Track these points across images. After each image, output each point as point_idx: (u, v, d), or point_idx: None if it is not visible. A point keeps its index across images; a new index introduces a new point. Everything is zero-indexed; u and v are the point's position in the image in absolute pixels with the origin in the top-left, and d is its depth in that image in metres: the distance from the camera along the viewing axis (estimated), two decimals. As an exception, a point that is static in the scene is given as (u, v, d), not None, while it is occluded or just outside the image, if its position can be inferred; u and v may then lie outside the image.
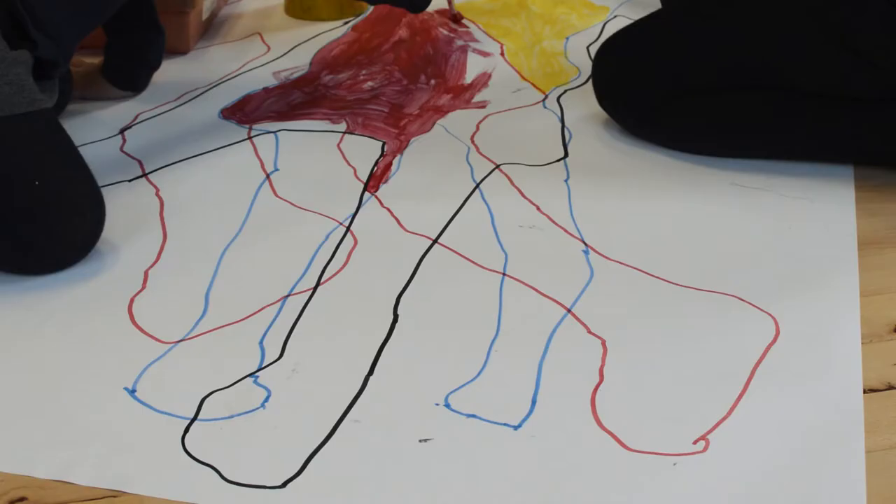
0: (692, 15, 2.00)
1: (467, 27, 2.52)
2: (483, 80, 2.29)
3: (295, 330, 1.56)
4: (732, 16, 1.95)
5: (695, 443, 1.36)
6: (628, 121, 2.06)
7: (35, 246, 1.64)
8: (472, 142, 2.05)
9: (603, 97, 2.08)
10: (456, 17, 2.52)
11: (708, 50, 1.96)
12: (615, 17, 2.61)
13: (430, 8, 2.58)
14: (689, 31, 2.00)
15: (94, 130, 2.07)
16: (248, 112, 2.15)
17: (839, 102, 1.91)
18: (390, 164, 1.97)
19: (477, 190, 1.90)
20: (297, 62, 2.37)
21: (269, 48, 2.45)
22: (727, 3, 1.97)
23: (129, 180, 1.92)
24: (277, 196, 1.87)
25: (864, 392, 1.44)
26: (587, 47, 2.44)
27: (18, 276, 1.66)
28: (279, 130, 2.08)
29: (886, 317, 1.60)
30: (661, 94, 2.00)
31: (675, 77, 1.99)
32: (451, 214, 1.83)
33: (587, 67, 2.34)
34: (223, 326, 1.57)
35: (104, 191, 1.74)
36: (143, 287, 1.65)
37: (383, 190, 1.90)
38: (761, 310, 1.60)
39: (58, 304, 1.61)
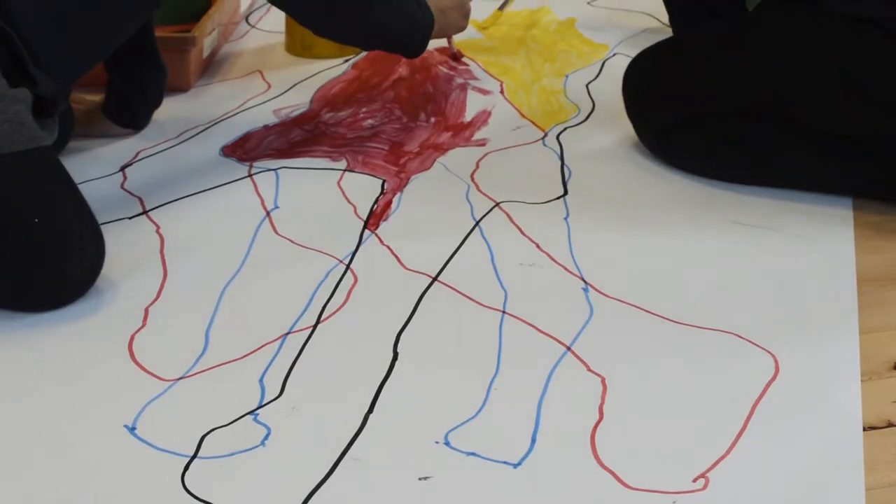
0: (713, 42, 2.02)
1: (467, 65, 2.52)
2: (483, 118, 2.30)
3: (295, 368, 1.56)
4: (750, 47, 1.97)
5: (695, 480, 1.36)
6: (644, 135, 2.10)
7: (35, 283, 1.65)
8: (472, 179, 2.06)
9: (629, 107, 2.12)
10: (455, 56, 2.52)
11: (720, 77, 1.98)
12: (615, 54, 2.61)
13: (430, 45, 2.59)
14: (705, 58, 2.01)
15: (95, 167, 2.08)
16: (248, 149, 2.16)
17: (845, 140, 1.92)
18: (390, 201, 1.98)
19: (477, 228, 1.90)
20: (298, 100, 2.38)
21: (269, 86, 2.46)
22: (745, 32, 1.99)
23: (130, 217, 1.92)
24: (278, 233, 1.88)
25: (864, 430, 1.44)
26: (587, 85, 2.45)
27: (18, 313, 1.66)
28: (279, 168, 2.08)
29: (886, 354, 1.60)
30: (676, 115, 2.02)
31: (689, 100, 2.01)
32: (451, 252, 1.83)
33: (587, 105, 2.35)
34: (223, 364, 1.57)
35: (105, 228, 1.74)
36: (144, 324, 1.65)
37: (383, 227, 1.90)
38: (761, 347, 1.60)
39: (58, 340, 1.61)
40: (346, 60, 2.58)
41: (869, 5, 1.85)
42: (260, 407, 1.48)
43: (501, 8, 2.70)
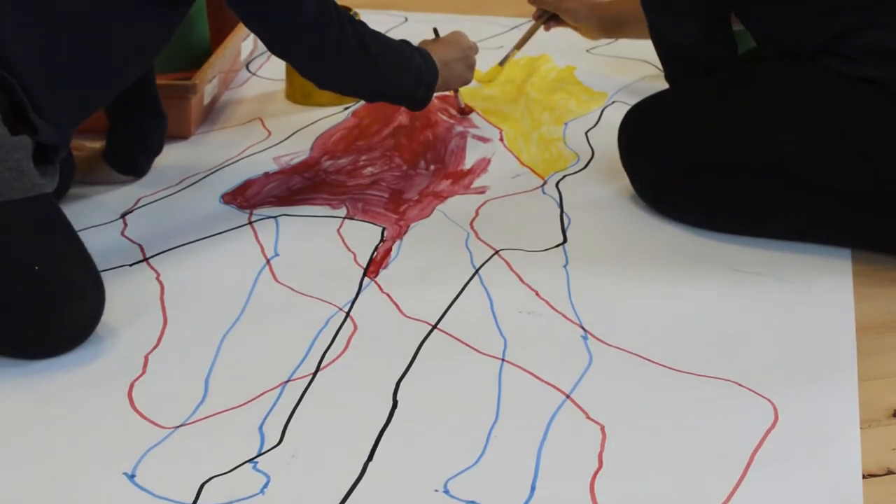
0: (709, 95, 2.03)
1: (471, 120, 2.52)
2: (482, 166, 2.31)
3: (294, 415, 1.56)
4: (746, 102, 1.97)
5: (694, 529, 1.36)
6: (640, 188, 2.11)
7: (34, 330, 1.65)
8: (472, 227, 2.06)
9: (624, 160, 2.13)
10: (463, 111, 2.52)
11: (716, 132, 1.99)
12: (613, 102, 2.62)
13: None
14: (701, 112, 2.02)
15: (95, 214, 2.08)
16: (248, 197, 2.16)
17: (842, 194, 1.93)
18: (390, 249, 1.98)
19: (476, 275, 1.90)
20: (298, 147, 2.38)
21: (269, 133, 2.46)
22: (742, 87, 2.00)
23: (130, 265, 1.93)
24: (278, 281, 1.88)
25: (864, 477, 1.44)
26: (586, 133, 2.45)
27: (18, 360, 1.66)
28: (280, 215, 2.09)
29: (885, 401, 1.60)
30: (670, 168, 2.03)
31: (684, 154, 2.02)
32: (451, 300, 1.83)
33: (586, 153, 2.35)
34: (223, 411, 1.57)
35: (105, 275, 1.74)
36: (143, 371, 1.65)
37: (383, 275, 1.90)
38: (760, 395, 1.60)
39: (57, 387, 1.61)
40: (346, 108, 2.58)
41: (866, 65, 1.85)
42: (259, 455, 1.48)
43: (502, 63, 2.71)
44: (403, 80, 2.09)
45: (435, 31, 2.41)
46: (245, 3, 1.91)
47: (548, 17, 2.64)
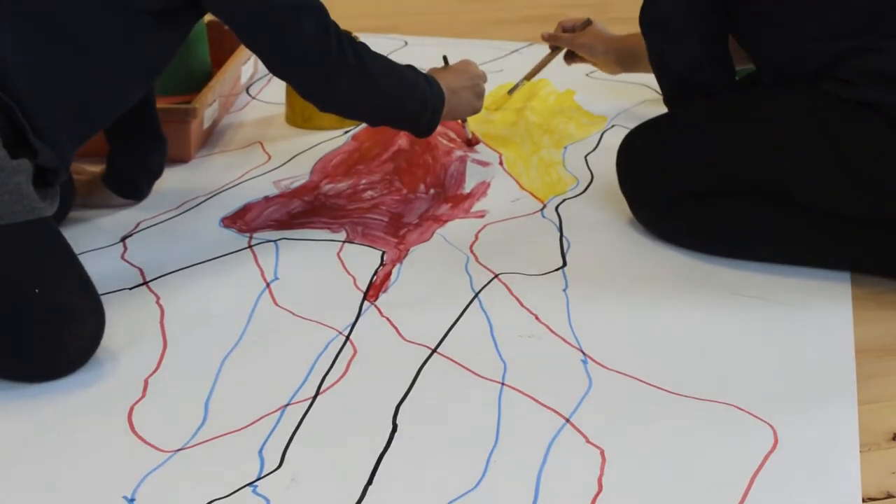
0: (707, 119, 2.04)
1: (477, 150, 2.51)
2: (482, 190, 2.31)
3: (294, 439, 1.56)
4: (744, 126, 1.98)
5: (694, 553, 1.36)
6: (638, 212, 2.11)
7: (34, 353, 1.65)
8: (471, 251, 2.06)
9: (623, 184, 2.13)
10: (470, 142, 2.51)
11: (714, 156, 1.99)
12: (613, 126, 2.62)
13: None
14: (699, 136, 2.03)
15: (95, 238, 2.08)
16: (248, 221, 2.16)
17: (841, 218, 1.93)
18: (390, 273, 1.98)
19: (476, 299, 1.90)
20: (298, 171, 2.39)
21: (269, 157, 2.47)
22: (740, 112, 2.00)
23: (130, 288, 1.93)
24: (277, 305, 1.88)
25: (864, 501, 1.44)
26: (585, 157, 2.46)
27: (18, 383, 1.66)
28: (279, 239, 2.09)
29: (885, 425, 1.60)
30: (669, 192, 2.03)
31: (682, 178, 2.02)
32: (451, 324, 1.83)
33: (585, 177, 2.36)
34: (223, 435, 1.56)
35: (105, 298, 1.75)
36: (143, 395, 1.65)
37: (383, 299, 1.90)
38: (759, 419, 1.60)
39: (57, 411, 1.61)
40: (347, 132, 2.59)
41: (865, 90, 1.85)
42: (259, 478, 1.48)
43: (511, 92, 2.72)
44: (406, 104, 2.06)
45: (444, 59, 2.41)
46: (244, 22, 1.91)
47: (563, 50, 2.64)
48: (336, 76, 1.94)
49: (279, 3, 1.87)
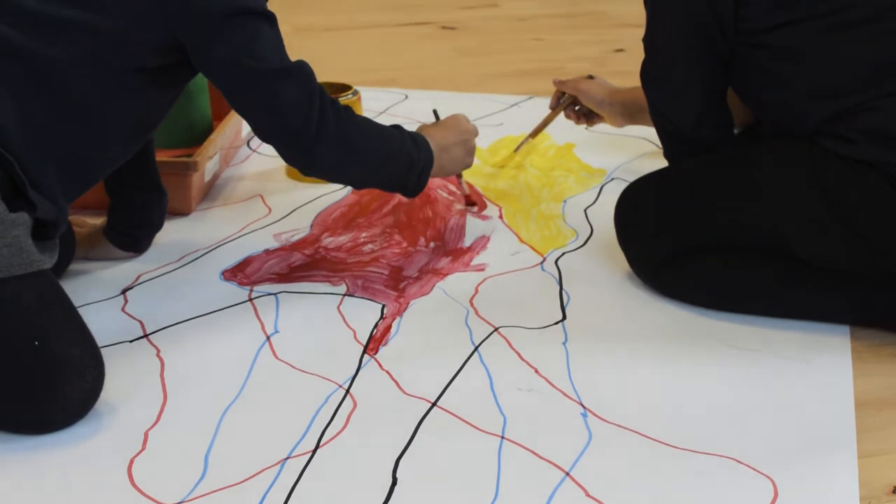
0: (706, 175, 2.04)
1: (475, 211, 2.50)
2: (482, 243, 2.31)
3: (294, 492, 1.55)
4: (744, 182, 1.98)
5: None
6: (637, 266, 2.12)
7: (33, 405, 1.65)
8: (471, 304, 2.07)
9: (621, 239, 2.14)
10: (469, 200, 2.49)
11: (713, 212, 2.00)
12: (612, 179, 2.63)
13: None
14: (702, 190, 2.03)
15: (96, 290, 2.09)
16: (248, 274, 2.17)
17: (841, 274, 1.94)
18: (390, 326, 1.99)
19: (476, 352, 1.91)
20: (298, 224, 2.40)
21: (270, 210, 2.47)
22: (739, 167, 2.01)
23: (131, 341, 1.93)
24: (277, 358, 1.88)
25: (864, 555, 1.44)
26: (585, 210, 2.47)
27: (17, 435, 1.66)
28: (280, 292, 2.09)
29: (885, 478, 1.60)
30: (667, 248, 2.04)
31: (680, 233, 2.03)
32: (451, 377, 1.83)
33: (585, 230, 2.37)
34: (223, 488, 1.56)
35: (105, 351, 1.75)
36: (143, 448, 1.65)
37: (383, 352, 1.91)
38: (759, 472, 1.60)
39: (56, 463, 1.61)
40: (347, 185, 2.60)
41: (864, 148, 1.86)
42: (259, 532, 1.48)
43: (517, 150, 2.73)
44: (390, 168, 2.05)
45: (435, 113, 2.42)
46: (230, 88, 1.90)
47: (569, 102, 2.64)
48: (317, 145, 1.92)
49: (264, 67, 1.87)
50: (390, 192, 2.16)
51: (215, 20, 1.83)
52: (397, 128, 2.09)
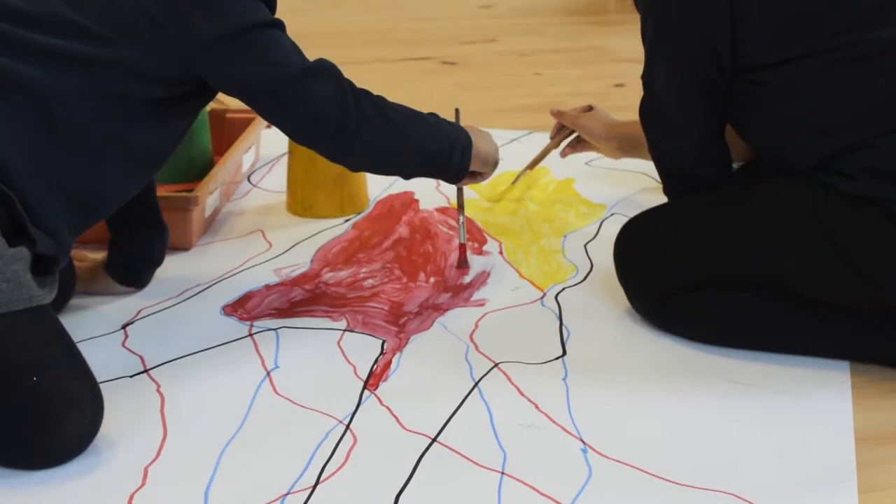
0: (705, 211, 2.05)
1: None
2: (482, 279, 2.32)
3: (294, 528, 1.56)
4: (744, 217, 1.99)
5: None
6: (636, 302, 2.12)
7: (32, 440, 1.65)
8: (471, 340, 2.07)
9: (620, 275, 2.14)
10: (461, 257, 2.46)
11: (712, 248, 2.00)
12: (613, 214, 2.63)
13: (431, 205, 2.62)
14: (701, 226, 2.04)
15: (96, 325, 2.09)
16: (249, 309, 2.17)
17: (840, 310, 1.94)
18: (390, 361, 1.99)
19: (476, 388, 1.91)
20: (299, 259, 2.40)
21: (270, 245, 2.48)
22: (738, 204, 2.01)
23: (131, 376, 1.93)
24: (278, 393, 1.88)
25: (865, 593, 1.44)
26: (585, 245, 2.47)
27: (16, 471, 1.66)
28: (280, 327, 2.09)
29: (886, 514, 1.61)
30: (667, 284, 2.04)
31: (680, 270, 2.03)
32: (451, 413, 1.83)
33: (585, 265, 2.37)
34: (222, 525, 1.56)
35: (105, 386, 1.75)
36: (143, 483, 1.65)
37: (383, 388, 1.90)
38: (760, 509, 1.60)
39: (56, 499, 1.61)
40: (347, 220, 2.60)
41: (865, 184, 1.86)
42: (258, 568, 1.48)
43: (514, 182, 2.73)
44: (433, 146, 2.05)
45: (456, 112, 2.42)
46: (258, 97, 1.91)
47: (567, 134, 2.65)
48: (360, 133, 1.92)
49: (291, 71, 1.87)
50: (437, 174, 2.13)
51: (228, 42, 1.83)
52: (431, 114, 2.10)
